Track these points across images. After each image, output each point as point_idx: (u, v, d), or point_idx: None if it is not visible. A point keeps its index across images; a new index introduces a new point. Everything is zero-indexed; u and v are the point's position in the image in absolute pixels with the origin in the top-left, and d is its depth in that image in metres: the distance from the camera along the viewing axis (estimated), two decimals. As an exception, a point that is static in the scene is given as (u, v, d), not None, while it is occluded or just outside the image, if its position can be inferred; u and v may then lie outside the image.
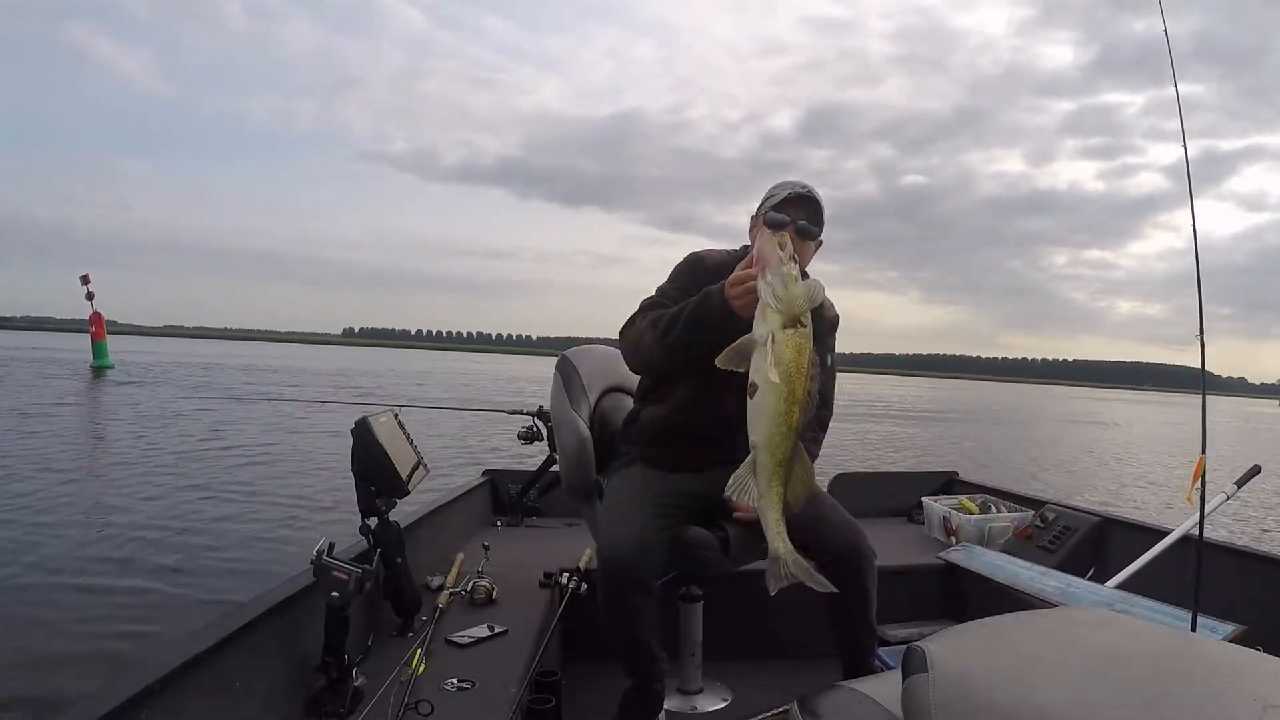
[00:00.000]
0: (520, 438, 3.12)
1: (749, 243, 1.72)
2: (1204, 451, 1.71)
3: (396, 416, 1.88)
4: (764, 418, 1.35)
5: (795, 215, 1.63)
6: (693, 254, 1.75)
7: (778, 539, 1.39)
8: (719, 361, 1.36)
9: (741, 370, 1.36)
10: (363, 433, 1.68)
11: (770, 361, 1.31)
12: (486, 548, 2.24)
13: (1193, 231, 1.74)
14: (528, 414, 3.14)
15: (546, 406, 3.13)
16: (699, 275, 1.66)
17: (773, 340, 1.32)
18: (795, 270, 1.32)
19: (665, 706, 1.91)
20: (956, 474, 3.29)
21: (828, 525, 1.65)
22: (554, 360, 2.04)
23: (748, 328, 1.37)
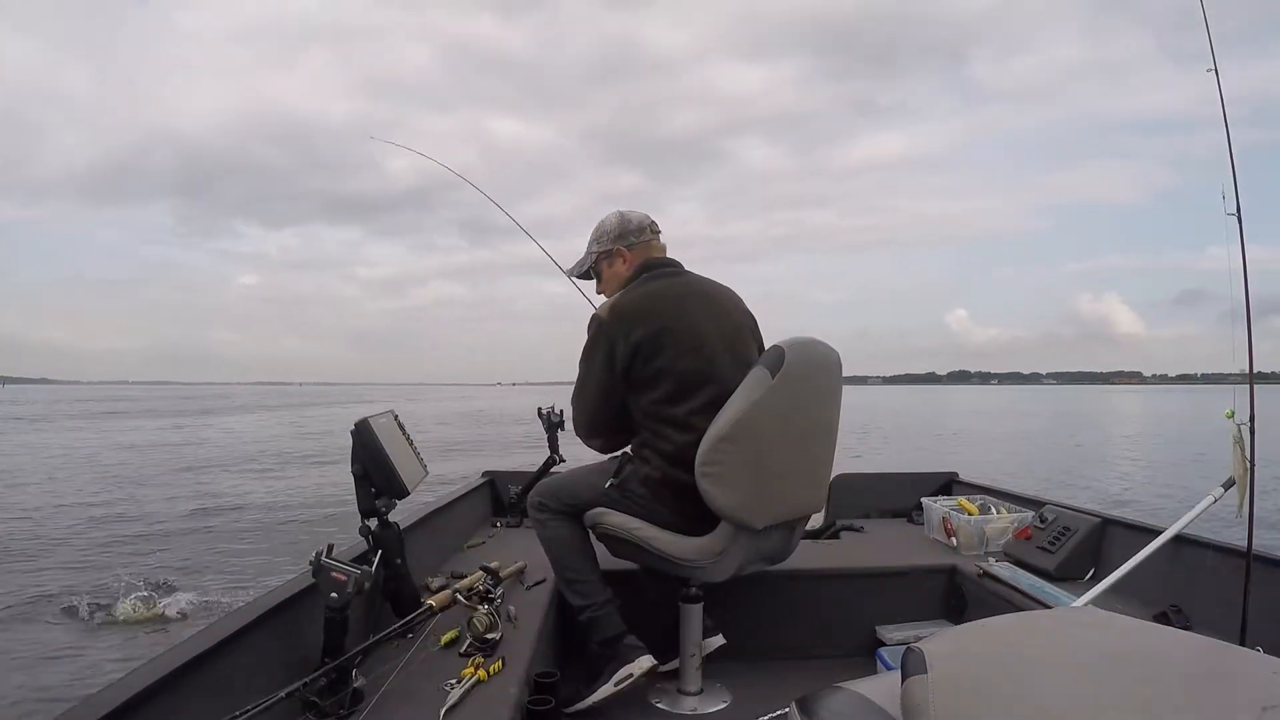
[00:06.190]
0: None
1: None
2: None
3: (397, 417, 1.88)
4: None
5: None
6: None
7: None
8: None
9: None
10: (363, 433, 1.68)
11: None
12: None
13: (1240, 247, 1.67)
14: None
15: (546, 408, 3.13)
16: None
17: None
18: None
19: (665, 707, 1.91)
20: (956, 474, 3.29)
21: None
22: None
23: None
